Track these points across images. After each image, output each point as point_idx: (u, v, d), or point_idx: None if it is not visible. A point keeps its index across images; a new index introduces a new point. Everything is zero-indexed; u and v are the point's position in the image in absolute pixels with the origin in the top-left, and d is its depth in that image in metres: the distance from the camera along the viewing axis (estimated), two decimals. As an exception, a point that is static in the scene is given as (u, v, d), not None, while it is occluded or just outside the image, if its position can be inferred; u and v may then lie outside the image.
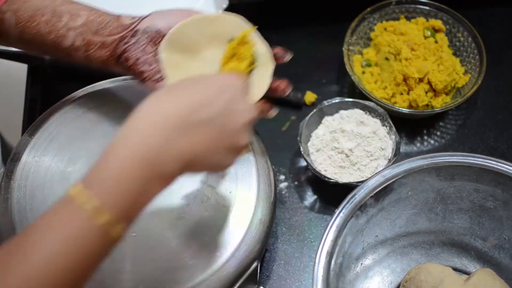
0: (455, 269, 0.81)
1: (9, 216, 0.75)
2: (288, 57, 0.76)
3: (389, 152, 0.89)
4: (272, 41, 1.08)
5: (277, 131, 0.98)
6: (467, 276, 0.80)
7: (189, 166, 0.57)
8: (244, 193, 0.78)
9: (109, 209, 0.53)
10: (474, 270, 0.81)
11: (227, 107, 0.59)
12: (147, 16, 0.75)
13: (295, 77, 1.04)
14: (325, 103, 0.92)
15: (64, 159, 0.79)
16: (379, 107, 0.91)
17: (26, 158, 0.79)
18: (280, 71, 1.05)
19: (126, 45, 0.73)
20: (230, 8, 1.07)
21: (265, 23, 1.10)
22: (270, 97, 0.74)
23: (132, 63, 0.73)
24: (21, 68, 0.98)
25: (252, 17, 1.11)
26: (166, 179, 0.56)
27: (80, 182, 0.54)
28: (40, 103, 1.01)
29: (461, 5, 1.03)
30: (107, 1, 1.12)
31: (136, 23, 0.74)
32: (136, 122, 0.56)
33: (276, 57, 0.75)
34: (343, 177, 0.88)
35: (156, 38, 0.73)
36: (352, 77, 0.95)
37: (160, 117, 0.55)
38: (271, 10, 1.11)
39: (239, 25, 0.75)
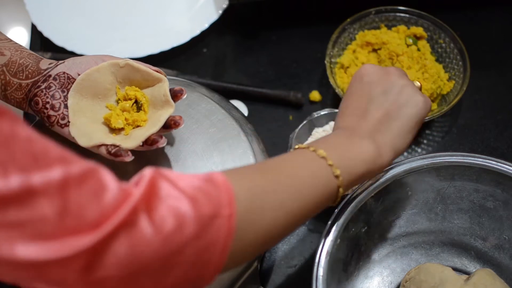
0: (455, 269, 0.81)
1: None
2: (184, 94, 0.78)
3: None
4: (271, 41, 1.09)
5: (277, 131, 0.98)
6: (467, 276, 0.80)
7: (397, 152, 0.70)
8: (244, 193, 0.78)
9: (340, 170, 0.65)
10: (474, 270, 0.81)
11: (374, 84, 0.73)
12: (63, 62, 0.78)
13: (295, 77, 1.05)
14: (315, 114, 0.92)
15: (64, 159, 0.79)
16: None
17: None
18: (280, 71, 1.06)
19: (37, 90, 0.75)
20: (229, 8, 1.07)
21: (265, 23, 1.11)
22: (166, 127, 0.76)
23: (41, 107, 0.75)
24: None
25: (251, 17, 1.12)
26: (382, 167, 0.70)
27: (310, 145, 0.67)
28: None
29: (441, 10, 1.03)
30: (108, 3, 1.12)
31: (50, 69, 0.77)
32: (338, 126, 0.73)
33: (175, 94, 0.78)
34: None
35: (67, 84, 0.76)
36: (336, 90, 0.95)
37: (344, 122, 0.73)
38: (270, 10, 1.11)
39: (145, 72, 0.77)
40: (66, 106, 0.75)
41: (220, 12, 1.07)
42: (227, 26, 1.09)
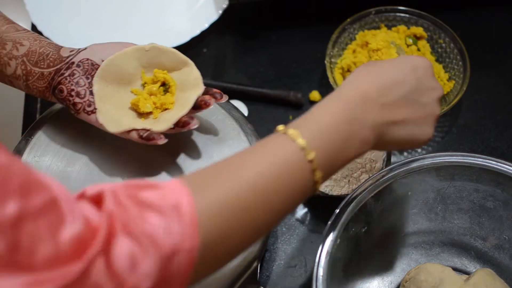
0: (455, 269, 0.81)
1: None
2: (224, 98, 0.77)
3: (380, 164, 0.89)
4: (272, 41, 1.09)
5: (277, 131, 0.98)
6: (467, 276, 0.80)
7: (383, 136, 0.65)
8: (244, 193, 0.78)
9: (315, 150, 0.59)
10: (474, 270, 0.81)
11: (418, 86, 0.67)
12: (84, 49, 0.77)
13: (295, 77, 1.05)
14: None
15: (64, 159, 0.79)
16: None
17: (26, 158, 0.79)
18: (280, 71, 1.06)
19: (61, 78, 0.75)
20: (229, 8, 1.07)
21: (265, 23, 1.11)
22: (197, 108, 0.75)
23: (66, 95, 0.75)
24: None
25: (251, 17, 1.12)
26: (361, 142, 0.63)
27: (287, 126, 0.61)
28: (39, 103, 1.01)
29: (441, 10, 1.03)
30: (108, 3, 1.12)
31: (72, 56, 0.76)
32: (340, 94, 0.64)
33: (202, 104, 0.76)
34: (334, 190, 0.88)
35: (91, 70, 0.75)
36: None
37: (360, 93, 0.64)
38: (270, 10, 1.11)
39: (172, 54, 0.77)
40: (91, 93, 0.75)
41: (220, 12, 1.07)
42: (227, 26, 1.09)
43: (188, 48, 1.06)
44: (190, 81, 0.76)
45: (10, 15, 0.82)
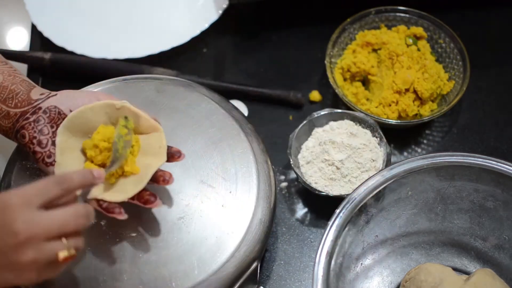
0: (455, 269, 0.81)
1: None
2: (182, 157, 0.74)
3: (380, 164, 0.89)
4: (272, 41, 1.09)
5: (277, 131, 0.98)
6: (467, 276, 0.80)
7: None
8: (244, 193, 0.78)
9: None
10: (474, 270, 0.81)
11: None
12: (55, 94, 0.74)
13: (295, 77, 1.05)
14: (315, 114, 0.92)
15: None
16: (368, 117, 0.91)
17: (27, 157, 0.79)
18: (280, 71, 1.06)
19: (25, 122, 0.72)
20: (229, 8, 1.07)
21: (265, 23, 1.11)
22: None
23: (27, 142, 0.72)
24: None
25: (251, 17, 1.12)
26: None
27: None
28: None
29: (441, 10, 1.03)
30: (108, 3, 1.12)
31: (41, 101, 0.73)
32: None
33: (172, 156, 0.73)
34: (334, 190, 0.88)
35: (57, 119, 0.72)
36: (336, 90, 0.95)
37: None
38: (270, 10, 1.11)
39: (143, 119, 0.73)
40: (53, 143, 0.72)
41: (220, 12, 1.07)
42: (227, 26, 1.09)
43: (188, 48, 1.06)
44: (154, 148, 0.73)
45: (10, 15, 0.82)
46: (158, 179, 0.72)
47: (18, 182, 0.77)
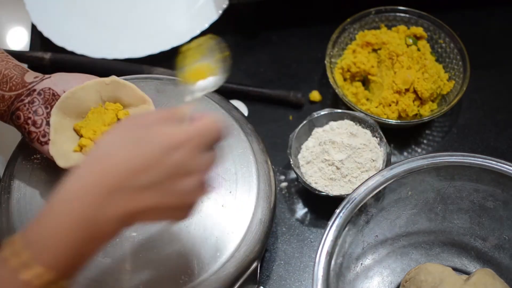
0: (455, 269, 0.81)
1: (9, 216, 0.75)
2: None
3: (380, 164, 0.89)
4: (272, 41, 1.09)
5: (277, 131, 0.98)
6: (467, 276, 0.80)
7: (130, 223, 0.56)
8: (244, 193, 0.78)
9: (49, 268, 0.53)
10: (474, 270, 0.81)
11: (174, 170, 0.56)
12: (49, 77, 0.76)
13: (295, 77, 1.05)
14: (315, 114, 0.92)
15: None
16: (368, 117, 0.91)
17: (26, 157, 0.79)
18: (280, 71, 1.06)
19: (20, 104, 0.74)
20: (229, 8, 1.07)
21: (265, 23, 1.11)
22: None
23: (22, 122, 0.74)
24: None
25: (251, 17, 1.12)
26: (103, 238, 0.56)
27: (20, 237, 0.54)
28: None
29: (441, 10, 1.03)
30: (108, 3, 1.12)
31: (35, 83, 0.75)
32: (73, 180, 0.55)
33: None
34: (334, 190, 0.88)
35: (51, 100, 0.74)
36: (336, 90, 0.95)
37: (97, 177, 0.54)
38: (270, 10, 1.11)
39: (130, 89, 0.76)
40: (48, 123, 0.74)
41: (220, 12, 1.07)
42: (227, 26, 1.09)
43: (188, 48, 1.06)
44: None
45: (10, 15, 0.82)
46: None
47: (18, 182, 0.77)
